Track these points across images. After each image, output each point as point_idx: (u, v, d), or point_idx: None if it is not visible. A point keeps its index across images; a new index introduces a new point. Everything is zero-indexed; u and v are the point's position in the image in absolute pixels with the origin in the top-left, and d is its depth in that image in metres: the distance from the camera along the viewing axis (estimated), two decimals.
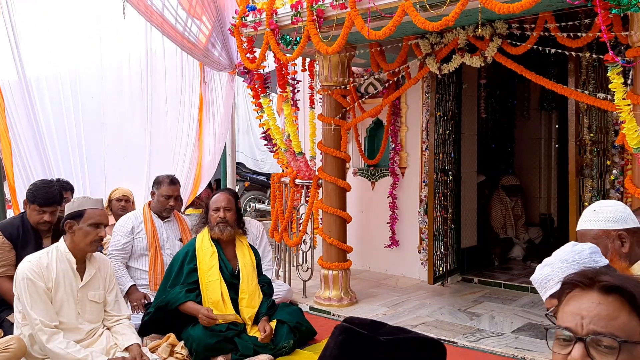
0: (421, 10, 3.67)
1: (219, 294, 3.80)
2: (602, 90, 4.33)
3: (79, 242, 3.20)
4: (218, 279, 3.83)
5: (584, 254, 1.74)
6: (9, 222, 3.95)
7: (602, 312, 1.12)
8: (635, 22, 3.38)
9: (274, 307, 4.01)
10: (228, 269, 3.93)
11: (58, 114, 5.66)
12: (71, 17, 5.62)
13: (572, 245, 1.80)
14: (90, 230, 3.19)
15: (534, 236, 7.20)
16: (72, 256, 3.21)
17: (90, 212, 3.22)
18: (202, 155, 6.28)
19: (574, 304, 1.17)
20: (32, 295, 3.06)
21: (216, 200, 4.02)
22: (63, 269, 3.19)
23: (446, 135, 5.71)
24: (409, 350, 1.10)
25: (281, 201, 5.66)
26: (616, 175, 4.53)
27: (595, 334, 1.11)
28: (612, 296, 1.14)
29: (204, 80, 6.21)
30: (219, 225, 3.92)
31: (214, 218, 3.96)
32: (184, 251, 4.01)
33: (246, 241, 4.15)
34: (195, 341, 3.61)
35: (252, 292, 3.90)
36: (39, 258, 3.16)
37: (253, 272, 3.99)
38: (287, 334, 3.83)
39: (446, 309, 4.85)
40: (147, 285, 4.38)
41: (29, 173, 5.18)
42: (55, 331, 3.07)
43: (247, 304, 3.87)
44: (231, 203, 4.00)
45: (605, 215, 2.21)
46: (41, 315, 3.05)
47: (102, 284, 3.37)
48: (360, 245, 6.10)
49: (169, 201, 4.49)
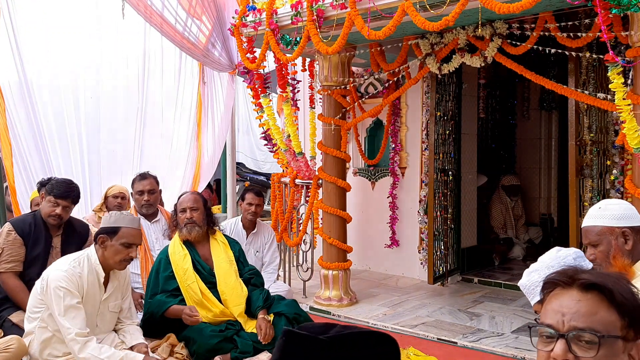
0: (421, 10, 3.67)
1: (199, 294, 3.80)
2: (602, 90, 4.33)
3: (109, 258, 3.19)
4: (195, 281, 3.82)
5: (569, 259, 1.78)
6: (21, 218, 3.97)
7: (582, 309, 1.16)
8: (635, 22, 3.38)
9: (270, 299, 3.96)
10: (205, 269, 3.91)
11: (58, 114, 5.65)
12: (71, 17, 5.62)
13: (557, 250, 1.82)
14: (122, 249, 3.18)
15: (534, 236, 7.19)
16: (102, 269, 3.20)
17: (124, 231, 3.19)
18: (201, 156, 6.27)
19: (555, 302, 1.21)
20: (66, 304, 3.02)
21: (182, 201, 4.01)
22: (92, 280, 3.18)
23: (446, 135, 5.71)
24: (357, 347, 1.09)
25: (281, 201, 5.66)
26: (616, 175, 4.53)
27: (576, 329, 1.15)
28: (590, 293, 1.17)
29: (203, 81, 6.21)
30: (186, 226, 3.91)
31: (181, 219, 3.95)
32: (157, 260, 3.99)
33: (221, 236, 4.10)
34: (196, 342, 3.60)
35: (232, 289, 3.88)
36: (72, 267, 3.13)
37: (230, 268, 3.94)
38: (286, 326, 3.81)
39: (446, 309, 4.85)
40: (140, 288, 4.38)
41: (29, 173, 5.18)
42: (88, 339, 3.03)
43: (231, 301, 3.85)
44: (197, 202, 3.99)
45: (610, 213, 2.25)
46: (75, 325, 3.01)
47: (121, 293, 3.38)
48: (360, 245, 6.10)
49: (142, 197, 4.50)
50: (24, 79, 5.17)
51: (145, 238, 4.44)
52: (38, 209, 3.95)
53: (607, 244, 2.19)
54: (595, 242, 2.22)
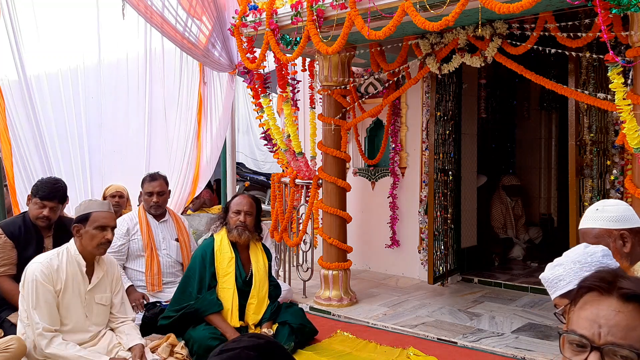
0: (421, 10, 3.67)
1: (229, 302, 3.75)
2: (602, 90, 4.33)
3: (86, 245, 3.21)
4: (232, 288, 3.78)
5: (596, 256, 1.77)
6: (11, 221, 3.95)
7: (621, 322, 1.08)
8: (635, 22, 3.38)
9: (277, 311, 3.97)
10: (242, 276, 3.89)
11: (58, 114, 5.65)
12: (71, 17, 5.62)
13: (585, 246, 1.81)
14: (97, 233, 3.20)
15: (534, 236, 7.20)
16: (82, 259, 3.22)
17: (95, 215, 3.22)
18: (201, 155, 6.27)
19: (591, 310, 1.12)
20: (38, 297, 3.05)
21: (239, 203, 3.94)
22: (72, 271, 3.20)
23: (446, 135, 5.71)
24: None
25: (281, 201, 5.66)
26: (616, 175, 4.53)
27: (614, 345, 1.07)
28: (632, 305, 1.08)
29: (204, 81, 6.21)
30: (237, 228, 3.85)
31: (233, 220, 3.88)
32: (203, 249, 3.91)
33: (260, 245, 4.08)
34: (196, 343, 3.60)
35: (261, 299, 3.87)
36: (49, 260, 3.16)
37: (265, 277, 3.94)
38: (288, 336, 3.81)
39: (446, 309, 4.85)
40: (144, 287, 4.38)
41: (29, 173, 5.18)
42: (55, 334, 3.07)
43: (254, 310, 3.84)
44: (253, 208, 3.94)
45: (608, 215, 2.23)
46: (44, 319, 3.04)
47: (109, 286, 3.38)
48: (360, 245, 6.10)
49: (152, 198, 4.50)
50: (23, 78, 5.17)
51: (152, 237, 4.44)
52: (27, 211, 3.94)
53: (605, 247, 2.18)
54: (593, 244, 2.22)
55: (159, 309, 4.05)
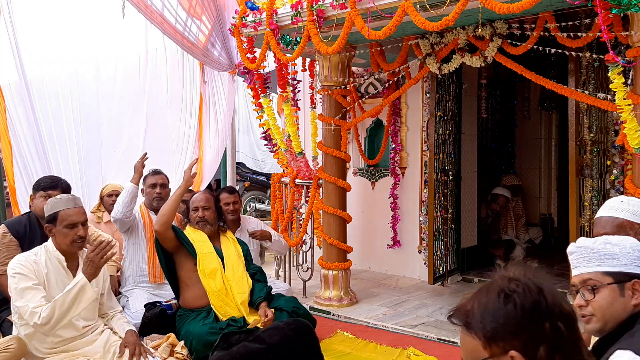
0: (421, 10, 3.67)
1: (216, 263, 3.90)
2: (602, 90, 4.33)
3: (61, 243, 3.19)
4: (212, 252, 3.95)
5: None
6: (16, 220, 3.97)
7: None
8: (635, 22, 3.38)
9: (270, 293, 4.05)
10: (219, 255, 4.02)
11: (58, 114, 5.65)
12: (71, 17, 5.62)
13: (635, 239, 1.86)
14: (67, 231, 3.16)
15: (534, 236, 7.18)
16: (61, 254, 3.21)
17: (62, 214, 3.17)
18: (203, 155, 6.27)
19: None
20: (21, 287, 3.01)
21: (194, 200, 4.17)
22: (54, 266, 3.18)
23: (446, 135, 5.71)
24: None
25: (281, 201, 5.66)
26: (616, 175, 4.52)
27: None
28: None
29: (204, 80, 6.21)
30: (198, 223, 4.09)
31: (193, 217, 4.12)
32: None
33: (231, 235, 4.25)
34: (195, 338, 3.61)
35: (238, 278, 3.96)
36: (26, 256, 3.16)
37: (238, 260, 4.06)
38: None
39: (446, 309, 4.85)
40: (147, 281, 4.44)
41: (29, 173, 5.18)
42: (41, 307, 2.98)
43: (236, 290, 3.92)
44: (210, 202, 4.14)
45: (633, 208, 2.25)
46: (31, 302, 2.97)
47: (95, 280, 3.32)
48: (360, 245, 6.10)
49: (154, 189, 4.54)
50: (23, 78, 5.17)
51: (152, 231, 4.46)
52: (32, 210, 3.95)
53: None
54: (612, 234, 2.21)
55: (159, 309, 4.04)
